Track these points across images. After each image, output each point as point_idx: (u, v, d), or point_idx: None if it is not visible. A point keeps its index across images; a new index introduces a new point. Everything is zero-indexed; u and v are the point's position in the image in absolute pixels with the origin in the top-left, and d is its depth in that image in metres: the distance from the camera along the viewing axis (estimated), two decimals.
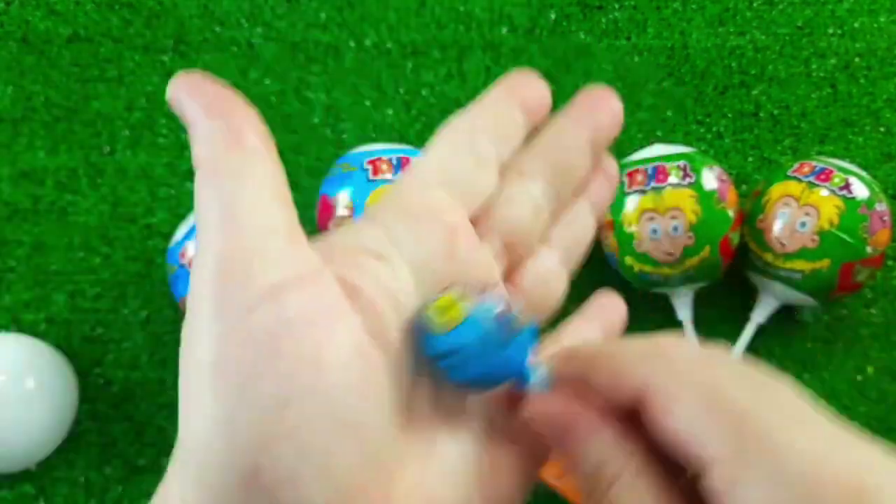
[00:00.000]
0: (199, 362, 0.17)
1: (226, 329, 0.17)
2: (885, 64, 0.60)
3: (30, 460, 0.48)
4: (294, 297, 0.17)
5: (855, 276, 0.47)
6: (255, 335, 0.17)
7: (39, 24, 0.60)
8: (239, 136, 0.19)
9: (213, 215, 0.18)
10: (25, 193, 0.55)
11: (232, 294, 0.17)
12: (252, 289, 0.17)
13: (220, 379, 0.17)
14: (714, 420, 0.17)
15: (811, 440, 0.16)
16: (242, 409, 0.16)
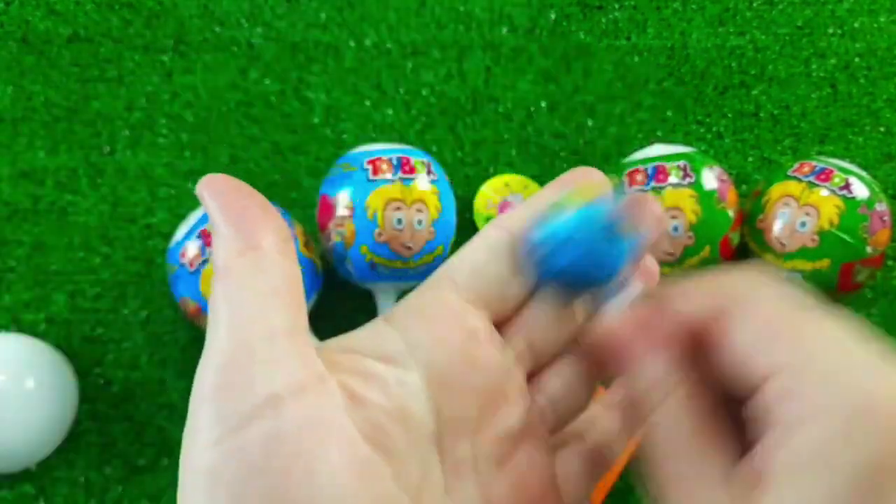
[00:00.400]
0: (196, 468, 0.17)
1: (222, 437, 0.17)
2: (885, 64, 0.61)
3: (30, 460, 0.48)
4: (291, 408, 0.17)
5: (855, 276, 0.47)
6: (249, 447, 0.17)
7: (39, 23, 0.60)
8: (251, 239, 0.19)
9: (220, 318, 0.18)
10: (25, 193, 0.55)
11: (231, 401, 0.17)
12: (250, 397, 0.17)
13: (215, 488, 0.17)
14: (777, 338, 0.18)
15: (865, 365, 0.17)
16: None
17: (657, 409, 0.19)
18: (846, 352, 0.17)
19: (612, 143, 0.58)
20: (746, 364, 0.18)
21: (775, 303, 0.18)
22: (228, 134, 0.57)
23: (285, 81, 0.59)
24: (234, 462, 0.17)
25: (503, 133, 0.58)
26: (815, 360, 0.17)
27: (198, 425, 0.18)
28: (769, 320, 0.18)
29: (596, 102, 0.59)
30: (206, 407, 0.18)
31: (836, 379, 0.16)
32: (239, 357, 0.18)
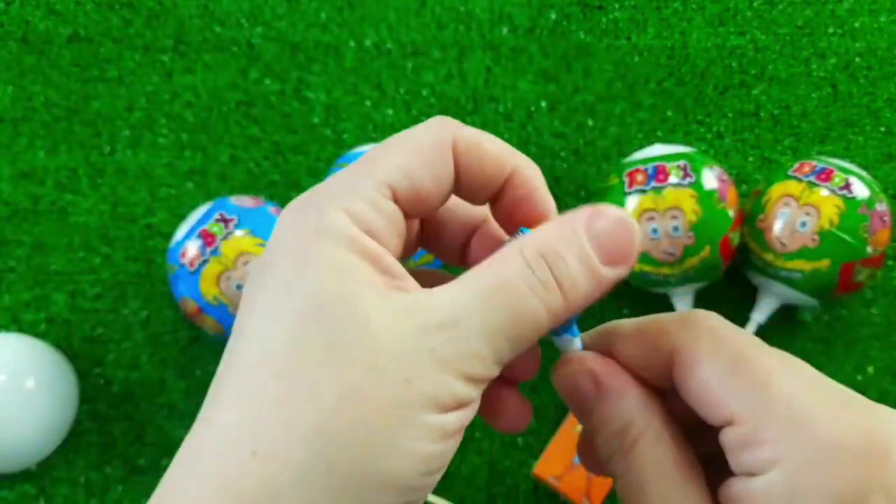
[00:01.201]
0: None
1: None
2: (885, 64, 0.60)
3: (30, 460, 0.48)
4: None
5: (855, 275, 0.47)
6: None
7: (39, 23, 0.60)
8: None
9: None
10: (25, 193, 0.55)
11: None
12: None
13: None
14: (737, 381, 0.18)
15: (827, 404, 0.18)
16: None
17: (637, 441, 0.20)
18: (802, 395, 0.18)
19: (613, 143, 0.58)
20: (709, 409, 0.19)
21: (731, 344, 0.19)
22: (229, 134, 0.57)
23: (285, 81, 0.59)
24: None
25: (503, 133, 0.58)
26: (774, 405, 0.18)
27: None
28: (724, 364, 0.19)
29: (596, 102, 0.59)
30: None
31: (796, 423, 0.17)
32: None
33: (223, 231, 0.46)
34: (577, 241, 0.19)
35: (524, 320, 0.18)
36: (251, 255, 0.45)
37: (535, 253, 0.18)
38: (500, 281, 0.18)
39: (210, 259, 0.45)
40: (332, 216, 0.18)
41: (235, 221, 0.46)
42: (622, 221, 0.19)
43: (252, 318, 0.18)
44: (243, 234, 0.46)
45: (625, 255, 0.19)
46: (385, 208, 0.19)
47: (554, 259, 0.18)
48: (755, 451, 0.17)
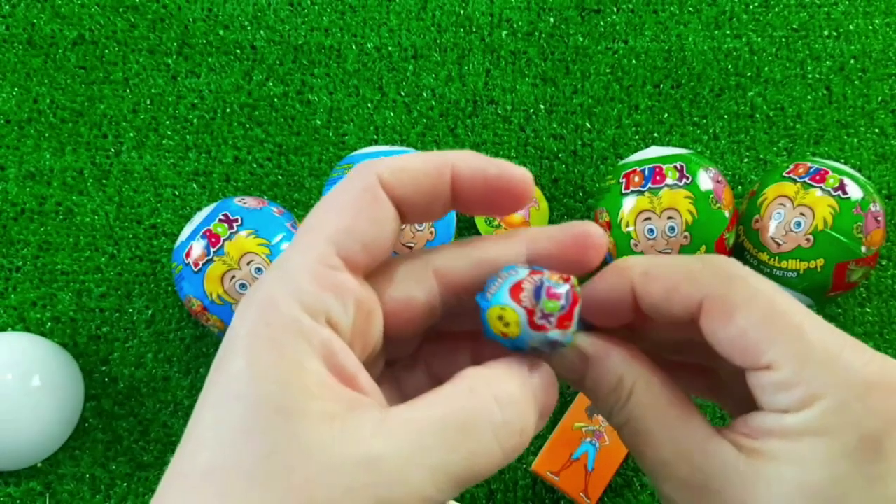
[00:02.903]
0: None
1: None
2: (879, 66, 0.61)
3: (36, 457, 0.49)
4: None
5: (849, 275, 0.48)
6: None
7: (45, 26, 0.60)
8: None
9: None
10: (32, 194, 0.56)
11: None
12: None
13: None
14: (773, 330, 0.19)
15: (854, 350, 0.19)
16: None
17: (632, 392, 0.21)
18: (833, 341, 0.19)
19: (610, 145, 0.59)
20: (746, 353, 0.19)
21: (763, 293, 0.19)
22: (232, 135, 0.58)
23: (288, 84, 0.60)
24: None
25: (503, 135, 0.59)
26: (811, 351, 0.18)
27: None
28: (760, 312, 0.19)
29: (594, 105, 0.60)
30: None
31: (832, 367, 0.18)
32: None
33: (227, 231, 0.46)
34: (531, 393, 0.19)
35: (480, 464, 0.17)
36: (255, 255, 0.46)
37: (505, 397, 0.18)
38: (460, 419, 0.17)
39: (214, 259, 0.46)
40: (281, 305, 0.18)
41: (239, 222, 0.47)
42: (551, 382, 0.20)
43: (201, 424, 0.17)
44: (247, 234, 0.46)
45: (549, 413, 0.20)
46: (335, 280, 0.18)
47: (516, 408, 0.19)
48: (792, 393, 0.18)
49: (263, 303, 0.18)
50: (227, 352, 0.18)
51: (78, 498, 0.49)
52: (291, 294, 0.18)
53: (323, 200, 0.20)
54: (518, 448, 0.18)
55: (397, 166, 0.20)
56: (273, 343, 0.17)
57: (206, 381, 0.18)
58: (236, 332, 0.18)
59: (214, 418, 0.17)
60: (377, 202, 0.20)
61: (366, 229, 0.19)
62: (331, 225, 0.19)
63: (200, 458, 0.17)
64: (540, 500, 0.49)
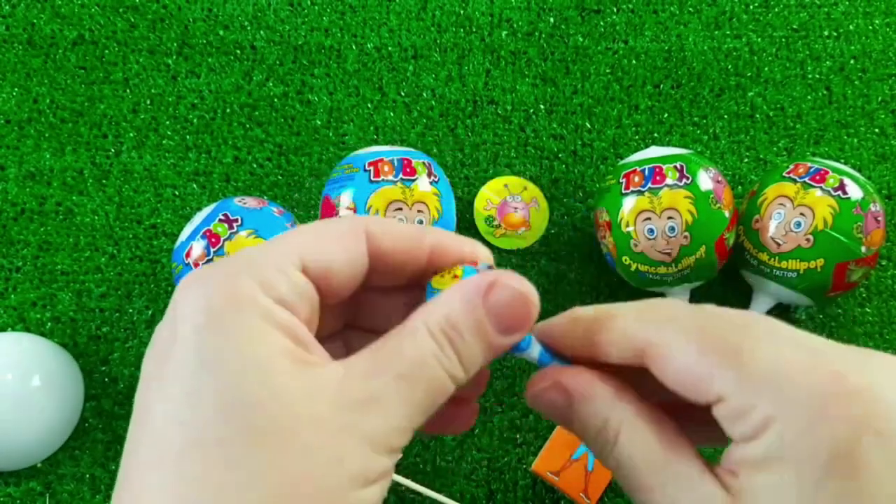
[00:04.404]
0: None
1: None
2: (879, 66, 0.61)
3: (36, 457, 0.49)
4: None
5: (849, 275, 0.48)
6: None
7: (45, 26, 0.60)
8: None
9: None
10: (32, 194, 0.56)
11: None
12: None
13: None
14: (712, 362, 0.19)
15: (803, 359, 0.18)
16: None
17: (619, 433, 0.20)
18: (777, 356, 0.18)
19: (610, 145, 0.59)
20: (694, 393, 0.19)
21: (696, 328, 0.20)
22: (232, 136, 0.58)
23: (288, 84, 0.60)
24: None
25: (503, 135, 0.59)
26: (754, 374, 0.18)
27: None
28: (698, 347, 0.19)
29: (594, 105, 0.60)
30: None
31: (778, 386, 0.18)
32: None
33: (227, 232, 0.46)
34: (476, 315, 0.20)
35: (436, 392, 0.20)
36: None
37: (441, 331, 0.20)
38: (416, 360, 0.19)
39: (214, 259, 0.46)
40: (243, 285, 0.19)
41: (239, 222, 0.47)
42: (520, 294, 0.20)
43: (167, 399, 0.18)
44: (247, 234, 0.46)
45: (520, 325, 0.20)
46: (295, 279, 0.19)
47: (456, 335, 0.20)
48: (747, 420, 0.18)
49: (222, 279, 0.19)
50: (179, 326, 0.18)
51: (78, 498, 0.49)
52: (253, 277, 0.19)
53: (314, 223, 0.22)
54: (463, 376, 0.20)
55: (386, 224, 0.22)
56: (237, 314, 0.18)
57: (151, 364, 0.19)
58: (190, 304, 0.19)
59: (181, 396, 0.18)
60: (355, 239, 0.21)
61: (335, 255, 0.20)
62: (304, 239, 0.20)
63: (171, 436, 0.17)
64: (540, 500, 0.49)
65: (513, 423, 0.51)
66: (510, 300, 0.20)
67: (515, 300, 0.20)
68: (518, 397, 0.52)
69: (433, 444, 0.50)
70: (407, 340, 0.20)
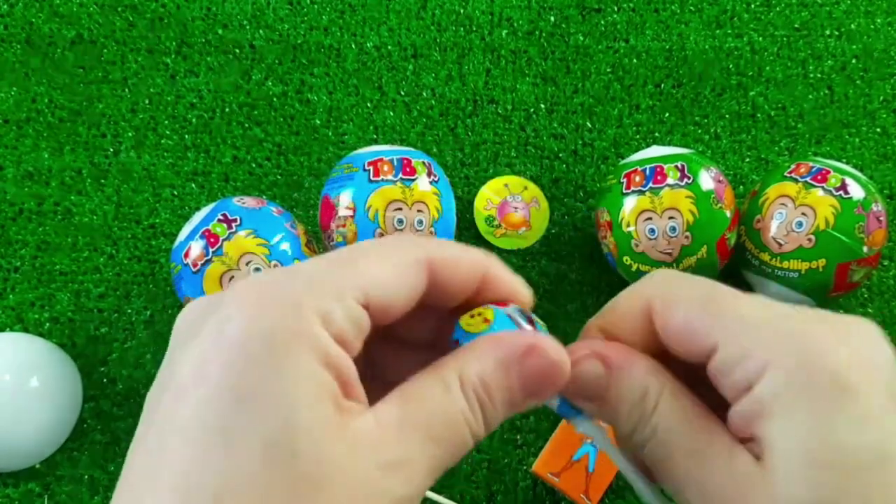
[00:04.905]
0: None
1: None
2: (881, 65, 0.61)
3: (35, 458, 0.49)
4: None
5: (851, 275, 0.48)
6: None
7: (43, 26, 0.60)
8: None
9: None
10: (30, 194, 0.56)
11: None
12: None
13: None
14: (710, 312, 0.20)
15: (786, 315, 0.20)
16: None
17: (659, 401, 0.21)
18: (768, 312, 0.20)
19: (611, 145, 0.58)
20: (692, 344, 0.21)
21: (694, 284, 0.21)
22: (231, 135, 0.58)
23: (287, 83, 0.60)
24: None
25: (503, 134, 0.59)
26: (749, 323, 0.20)
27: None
28: (697, 299, 0.21)
29: (594, 104, 0.60)
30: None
31: (772, 331, 0.19)
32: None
33: (226, 231, 0.46)
34: (510, 380, 0.20)
35: (458, 451, 0.20)
36: (254, 255, 0.46)
37: (474, 392, 0.20)
38: (448, 422, 0.19)
39: (213, 259, 0.46)
40: (304, 315, 0.18)
41: (238, 222, 0.47)
42: (555, 365, 0.20)
43: (199, 422, 0.17)
44: (246, 234, 0.46)
45: (548, 392, 0.21)
46: (356, 313, 0.19)
47: (487, 400, 0.20)
48: (745, 365, 0.19)
49: (288, 305, 0.18)
50: (231, 345, 0.17)
51: (76, 499, 0.49)
52: (318, 309, 0.18)
53: (375, 246, 0.21)
54: (484, 434, 0.20)
55: (449, 253, 0.21)
56: (295, 354, 0.17)
57: (179, 355, 0.18)
58: (248, 323, 0.17)
59: (219, 433, 0.16)
60: (419, 271, 0.20)
61: (399, 289, 0.20)
62: (374, 273, 0.20)
63: (213, 478, 0.16)
64: (540, 501, 0.49)
65: (513, 425, 0.51)
66: (545, 369, 0.20)
67: (550, 369, 0.20)
68: None
69: None
70: (440, 396, 0.19)
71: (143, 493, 0.17)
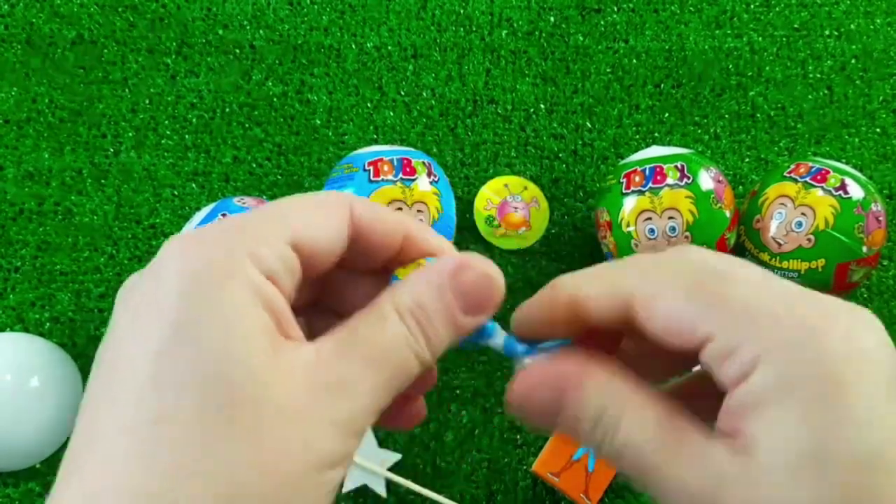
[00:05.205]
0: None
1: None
2: (880, 65, 0.61)
3: (35, 458, 0.49)
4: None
5: (850, 275, 0.48)
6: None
7: (44, 26, 0.60)
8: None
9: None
10: (30, 194, 0.56)
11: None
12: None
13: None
14: (697, 303, 0.19)
15: (783, 297, 0.19)
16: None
17: (621, 418, 0.20)
18: (759, 296, 0.19)
19: (610, 145, 0.59)
20: (680, 340, 0.19)
21: (678, 271, 0.20)
22: (232, 135, 0.58)
23: (288, 84, 0.60)
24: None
25: (503, 134, 0.59)
26: (739, 312, 0.18)
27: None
28: (683, 289, 0.19)
29: (594, 104, 0.60)
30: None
31: (764, 320, 0.18)
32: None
33: None
34: (444, 297, 0.20)
35: (403, 375, 0.20)
36: None
37: (410, 314, 0.20)
38: (386, 345, 0.20)
39: None
40: (234, 255, 0.18)
41: None
42: (487, 276, 0.21)
43: (140, 362, 0.17)
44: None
45: (486, 306, 0.21)
46: (284, 253, 0.19)
47: (425, 318, 0.20)
48: (737, 357, 0.18)
49: (219, 247, 0.19)
50: (159, 285, 0.18)
51: None
52: (249, 251, 0.19)
53: (302, 196, 0.21)
54: (430, 356, 0.20)
55: (369, 205, 0.22)
56: (225, 288, 0.18)
57: (122, 319, 0.19)
58: (177, 268, 0.18)
59: (149, 365, 0.17)
60: (341, 216, 0.21)
61: (323, 231, 0.20)
62: (296, 213, 0.20)
63: (136, 410, 0.17)
64: (540, 501, 0.49)
65: (513, 424, 0.51)
66: (476, 281, 0.21)
67: (482, 281, 0.21)
68: None
69: (433, 446, 0.50)
70: (377, 324, 0.20)
71: (94, 432, 0.17)
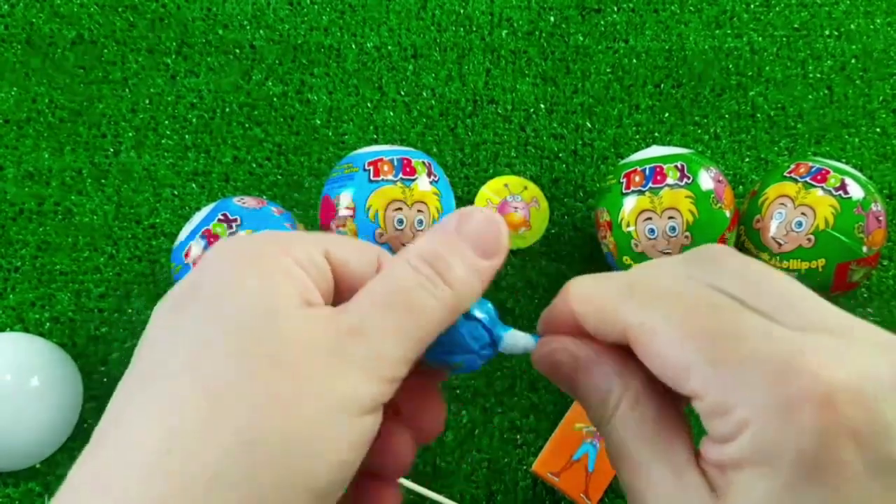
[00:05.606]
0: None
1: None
2: (880, 65, 0.61)
3: (35, 458, 0.49)
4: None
5: (850, 275, 0.48)
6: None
7: (44, 26, 0.60)
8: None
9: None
10: (30, 194, 0.56)
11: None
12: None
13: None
14: (690, 351, 0.18)
15: (775, 353, 0.17)
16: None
17: (618, 407, 0.20)
18: (755, 348, 0.17)
19: (610, 145, 0.59)
20: (674, 381, 0.19)
21: (675, 307, 0.19)
22: (232, 135, 0.58)
23: (288, 83, 0.60)
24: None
25: (503, 134, 0.59)
26: (729, 371, 0.17)
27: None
28: (674, 334, 0.18)
29: (594, 104, 0.60)
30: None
31: (753, 385, 0.17)
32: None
33: (226, 231, 0.46)
34: (453, 241, 0.21)
35: (422, 316, 0.20)
36: None
37: (417, 257, 0.21)
38: (391, 286, 0.20)
39: None
40: (270, 249, 0.20)
41: (238, 222, 0.47)
42: (488, 219, 0.22)
43: (181, 344, 0.19)
44: (246, 234, 0.46)
45: (496, 248, 0.22)
46: (318, 261, 0.21)
47: (435, 260, 0.21)
48: (725, 419, 0.17)
49: (254, 245, 0.20)
50: (201, 278, 0.20)
51: None
52: (283, 250, 0.20)
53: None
54: (454, 297, 0.21)
55: (347, 243, 0.23)
56: (256, 265, 0.19)
57: (167, 311, 0.20)
58: (215, 264, 0.20)
59: (190, 330, 0.19)
60: (374, 255, 0.22)
61: (357, 258, 0.22)
62: (333, 237, 0.22)
63: (174, 360, 0.19)
64: (540, 501, 0.49)
65: (513, 424, 0.51)
66: (481, 224, 0.21)
67: (486, 223, 0.22)
68: (518, 398, 0.51)
69: (433, 445, 0.50)
70: (390, 275, 0.21)
71: (144, 378, 0.20)
